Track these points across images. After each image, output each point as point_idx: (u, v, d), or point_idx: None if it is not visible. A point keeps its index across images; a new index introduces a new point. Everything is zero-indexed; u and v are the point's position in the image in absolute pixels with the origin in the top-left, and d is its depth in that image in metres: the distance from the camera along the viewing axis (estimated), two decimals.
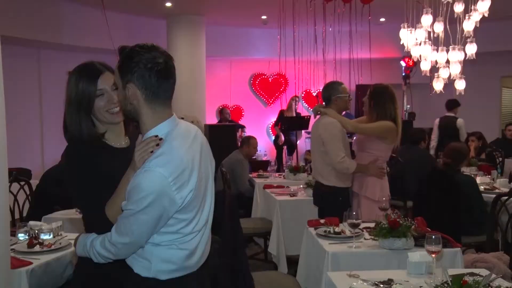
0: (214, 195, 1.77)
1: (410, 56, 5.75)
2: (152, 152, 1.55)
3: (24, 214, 4.41)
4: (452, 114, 7.41)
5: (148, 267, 1.62)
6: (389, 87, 3.74)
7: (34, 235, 2.97)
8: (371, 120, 3.71)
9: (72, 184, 1.79)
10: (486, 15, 4.82)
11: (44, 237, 2.98)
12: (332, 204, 3.63)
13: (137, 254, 1.64)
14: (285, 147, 9.42)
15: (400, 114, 3.75)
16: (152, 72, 1.55)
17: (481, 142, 6.86)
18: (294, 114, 9.40)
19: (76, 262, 1.94)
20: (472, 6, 4.89)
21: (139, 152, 1.57)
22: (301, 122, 8.91)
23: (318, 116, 3.86)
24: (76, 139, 1.81)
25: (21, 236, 3.07)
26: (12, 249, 2.66)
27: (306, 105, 11.33)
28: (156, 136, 1.58)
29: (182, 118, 1.78)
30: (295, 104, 9.45)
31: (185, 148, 1.61)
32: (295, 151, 9.13)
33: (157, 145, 1.56)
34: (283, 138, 9.30)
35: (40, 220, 3.49)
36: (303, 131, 9.76)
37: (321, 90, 3.96)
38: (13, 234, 3.01)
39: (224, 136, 7.99)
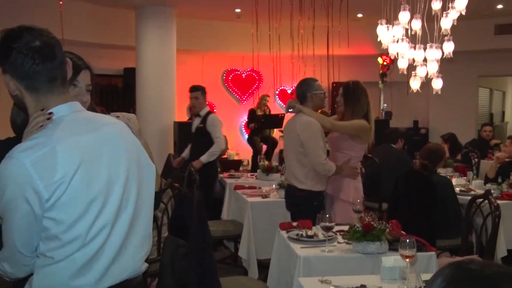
0: (136, 203, 1.51)
1: (387, 54, 5.64)
2: (42, 126, 1.37)
3: None
4: None
5: None
6: (360, 82, 3.67)
7: None
8: (346, 118, 3.61)
9: None
10: (463, 13, 4.76)
11: None
12: (306, 209, 3.44)
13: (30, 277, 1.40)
14: (264, 146, 9.25)
15: (372, 110, 3.68)
16: (26, 59, 1.36)
17: (448, 145, 6.81)
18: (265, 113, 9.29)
19: None
20: (450, 4, 4.82)
21: (26, 134, 1.39)
22: (275, 121, 8.77)
23: (291, 113, 3.71)
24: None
25: None
26: None
27: (281, 102, 11.18)
28: (43, 109, 1.40)
29: (118, 117, 1.64)
30: (266, 103, 9.32)
31: (68, 135, 1.37)
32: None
33: (48, 119, 1.38)
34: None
35: None
36: (276, 130, 9.63)
37: (295, 88, 3.83)
38: None
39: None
